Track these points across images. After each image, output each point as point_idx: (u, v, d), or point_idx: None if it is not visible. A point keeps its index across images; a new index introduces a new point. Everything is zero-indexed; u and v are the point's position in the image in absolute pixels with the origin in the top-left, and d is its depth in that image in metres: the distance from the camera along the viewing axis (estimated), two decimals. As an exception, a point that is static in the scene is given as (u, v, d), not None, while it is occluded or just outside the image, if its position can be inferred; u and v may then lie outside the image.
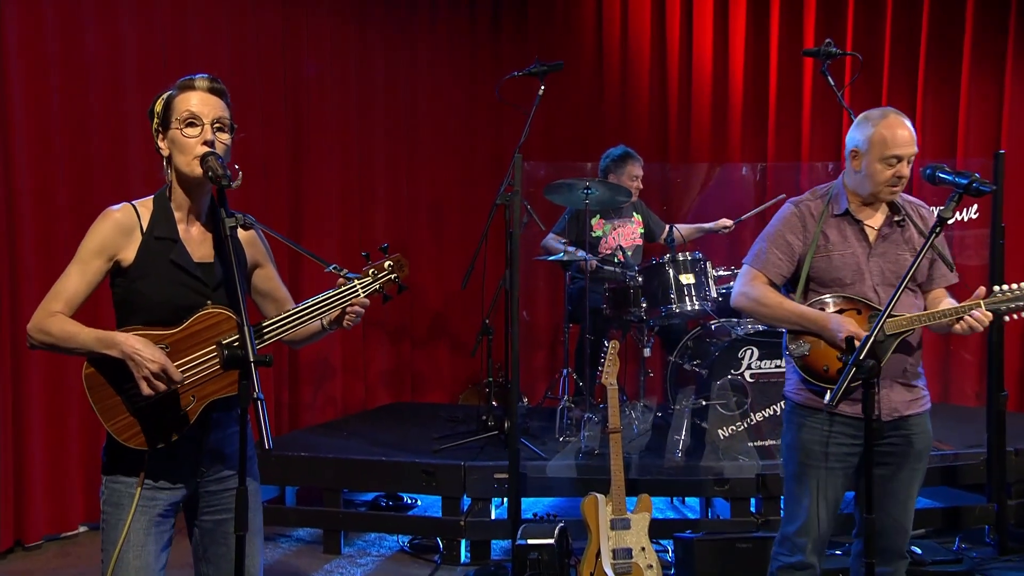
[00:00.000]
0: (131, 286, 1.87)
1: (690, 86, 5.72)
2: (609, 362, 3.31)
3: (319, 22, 5.16)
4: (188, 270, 1.89)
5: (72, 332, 1.82)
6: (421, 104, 5.75)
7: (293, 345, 2.12)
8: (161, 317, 1.85)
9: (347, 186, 5.36)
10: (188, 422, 1.85)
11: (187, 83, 1.91)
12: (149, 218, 1.91)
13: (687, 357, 4.20)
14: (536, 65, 3.78)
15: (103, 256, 1.87)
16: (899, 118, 2.38)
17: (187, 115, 1.87)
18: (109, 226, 1.88)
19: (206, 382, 1.86)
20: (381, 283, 2.01)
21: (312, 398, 5.20)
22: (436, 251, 5.81)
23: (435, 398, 5.81)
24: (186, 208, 1.93)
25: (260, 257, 2.09)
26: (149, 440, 1.84)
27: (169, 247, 1.89)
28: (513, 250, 3.44)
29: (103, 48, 4.01)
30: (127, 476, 1.88)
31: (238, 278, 1.79)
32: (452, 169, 5.87)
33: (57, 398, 3.86)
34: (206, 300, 1.89)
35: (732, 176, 5.49)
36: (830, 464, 2.38)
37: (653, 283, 4.19)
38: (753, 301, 2.44)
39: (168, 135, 1.90)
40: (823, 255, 2.42)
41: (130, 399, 1.82)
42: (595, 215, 4.65)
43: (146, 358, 1.75)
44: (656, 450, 4.01)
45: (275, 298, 2.11)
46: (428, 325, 5.87)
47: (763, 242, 2.50)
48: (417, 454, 3.95)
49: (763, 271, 2.46)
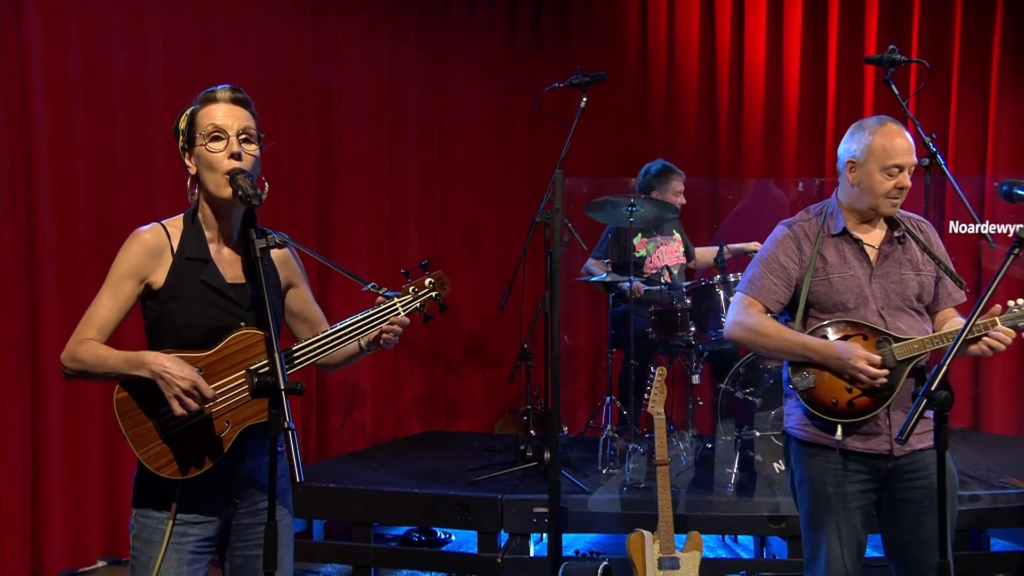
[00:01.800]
0: (163, 309, 1.91)
1: (741, 96, 5.71)
2: (656, 389, 3.30)
3: (350, 30, 5.27)
4: (221, 291, 1.92)
5: (103, 356, 1.86)
6: (456, 116, 5.82)
7: (327, 368, 2.14)
8: (194, 340, 1.88)
9: (378, 202, 5.44)
10: (223, 449, 1.87)
11: (209, 96, 1.95)
12: (179, 238, 1.95)
13: (739, 385, 4.17)
14: (578, 76, 3.80)
15: (134, 279, 1.91)
16: (897, 126, 2.37)
17: (211, 129, 1.90)
18: (138, 248, 1.92)
19: (241, 407, 1.88)
20: (422, 301, 2.02)
21: (341, 425, 5.26)
22: (471, 270, 5.86)
23: (470, 426, 5.82)
24: (217, 228, 1.97)
25: (294, 277, 2.11)
26: (182, 468, 1.86)
27: (201, 267, 1.93)
28: (553, 270, 3.45)
29: (127, 58, 4.12)
30: (158, 510, 1.90)
31: (270, 300, 1.81)
32: (488, 184, 5.93)
33: (77, 426, 3.94)
34: (240, 321, 1.92)
35: (787, 192, 5.45)
36: (848, 504, 2.31)
37: (702, 306, 4.18)
38: (750, 331, 2.38)
39: (194, 152, 1.93)
40: (822, 278, 2.38)
41: (163, 425, 1.85)
42: (636, 234, 4.65)
43: (176, 375, 1.78)
44: (706, 484, 3.97)
45: (308, 319, 2.13)
46: (463, 349, 5.90)
47: (756, 267, 2.45)
48: (451, 486, 3.96)
49: (758, 298, 2.41)
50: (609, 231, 4.73)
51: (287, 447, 1.65)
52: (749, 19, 5.70)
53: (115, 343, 1.91)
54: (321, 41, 5.12)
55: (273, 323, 1.79)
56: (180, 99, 2.01)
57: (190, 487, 1.89)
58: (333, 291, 5.03)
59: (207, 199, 1.95)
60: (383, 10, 5.47)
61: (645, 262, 4.69)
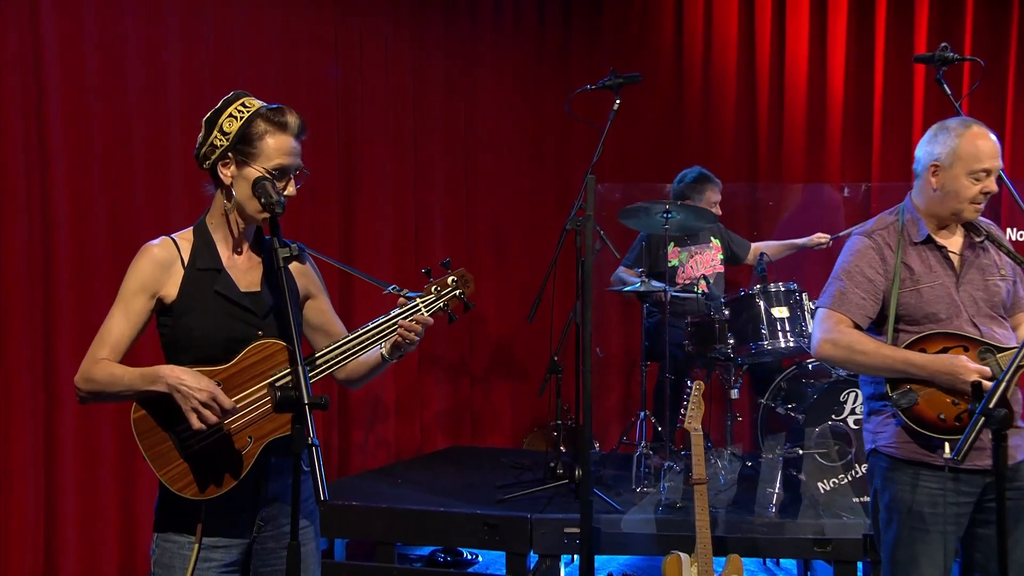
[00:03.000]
0: (177, 323, 1.92)
1: (782, 97, 5.68)
2: (692, 404, 3.29)
3: (373, 32, 5.32)
4: (235, 300, 1.94)
5: (117, 375, 1.87)
6: (483, 120, 5.85)
7: (352, 385, 2.13)
8: (211, 353, 1.89)
9: (402, 209, 5.47)
10: (246, 466, 1.87)
11: (280, 120, 1.94)
12: (190, 250, 1.97)
13: (780, 400, 4.15)
14: (611, 77, 3.80)
15: (145, 294, 1.93)
16: (983, 128, 2.36)
17: (279, 166, 1.92)
18: (147, 262, 1.94)
19: (263, 420, 1.88)
20: (445, 300, 2.01)
21: (363, 440, 5.28)
22: (499, 280, 5.87)
23: (497, 442, 5.82)
24: (230, 236, 1.99)
25: (312, 288, 2.12)
26: (204, 488, 1.86)
27: (213, 277, 1.94)
28: (585, 279, 3.44)
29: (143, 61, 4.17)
30: (180, 534, 1.91)
31: (292, 310, 1.82)
32: (517, 191, 5.94)
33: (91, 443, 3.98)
34: (257, 331, 1.93)
35: (831, 197, 5.41)
36: (944, 527, 2.29)
37: (741, 317, 4.16)
38: (845, 349, 2.36)
39: (243, 171, 1.93)
40: (911, 289, 2.36)
41: (182, 443, 1.86)
42: (669, 242, 4.63)
43: (192, 387, 1.78)
44: (746, 504, 3.95)
45: (329, 333, 2.14)
46: (490, 361, 5.91)
47: (840, 281, 2.44)
48: (478, 504, 3.96)
49: (847, 314, 2.40)
50: (642, 238, 4.73)
51: (311, 465, 1.64)
52: (791, 16, 5.66)
53: (131, 364, 1.92)
54: (344, 43, 5.17)
55: (296, 334, 1.79)
56: (198, 103, 2.04)
57: (213, 509, 1.90)
58: (356, 300, 5.06)
59: (238, 210, 1.97)
60: (407, 11, 5.51)
61: (677, 272, 4.68)
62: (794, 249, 4.78)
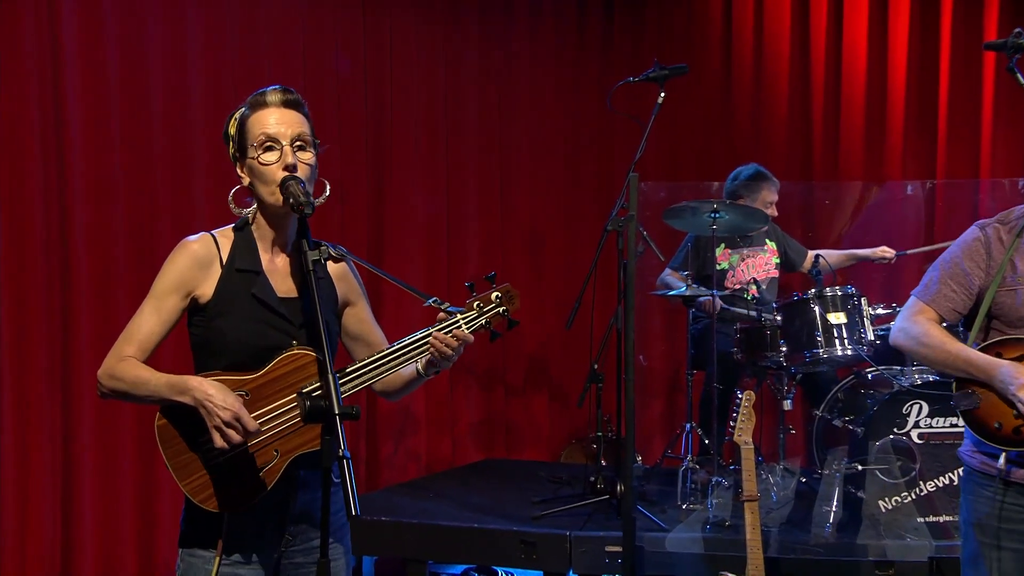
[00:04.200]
0: (210, 325, 1.94)
1: (839, 89, 5.62)
2: (743, 416, 3.27)
3: (404, 27, 5.36)
4: (271, 306, 1.95)
5: (144, 378, 1.88)
6: (519, 116, 5.86)
7: (389, 397, 2.14)
8: (242, 359, 1.90)
9: (434, 211, 5.50)
10: (271, 481, 1.88)
11: (258, 99, 1.97)
12: (230, 249, 1.98)
13: (837, 412, 4.12)
14: (655, 69, 3.80)
15: (179, 292, 1.94)
16: None
17: (263, 138, 1.92)
18: (185, 259, 1.95)
19: (291, 434, 1.89)
20: (488, 317, 2.01)
21: (392, 453, 5.31)
22: (535, 284, 5.87)
23: (533, 455, 5.82)
24: (270, 238, 2.00)
25: (352, 294, 2.13)
26: (228, 502, 1.88)
27: (251, 280, 1.95)
28: (627, 283, 3.45)
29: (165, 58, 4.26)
30: (204, 549, 1.93)
31: (326, 317, 1.82)
32: (555, 190, 5.95)
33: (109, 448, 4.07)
34: (291, 340, 1.94)
35: (893, 196, 5.35)
36: (1003, 543, 2.26)
37: (795, 323, 4.14)
38: (911, 339, 2.39)
39: (246, 164, 1.96)
40: (1009, 289, 2.33)
41: (206, 455, 1.88)
42: (719, 244, 4.61)
43: (218, 405, 1.79)
44: (801, 523, 3.91)
45: (368, 343, 2.14)
46: (525, 370, 5.91)
47: (935, 270, 2.44)
48: (514, 521, 3.96)
49: (932, 305, 2.40)
50: (689, 240, 4.72)
51: (342, 478, 1.65)
52: (849, 2, 5.59)
53: (155, 363, 1.95)
54: (373, 38, 5.21)
55: (328, 342, 1.80)
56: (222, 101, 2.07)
57: (238, 523, 1.91)
58: (386, 307, 5.10)
59: (261, 210, 1.99)
60: (440, 4, 5.55)
61: (727, 275, 4.66)
62: (855, 260, 4.76)
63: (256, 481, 1.88)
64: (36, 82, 3.86)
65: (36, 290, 3.89)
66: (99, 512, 4.05)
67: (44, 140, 3.90)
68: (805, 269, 4.79)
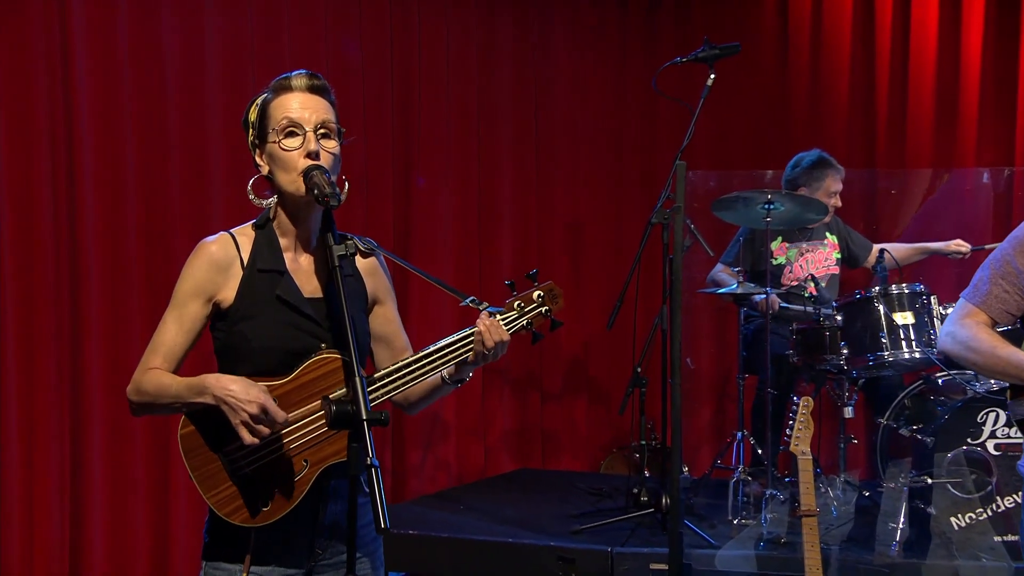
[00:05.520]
0: (232, 330, 1.95)
1: (906, 69, 5.56)
2: (800, 424, 3.25)
3: (433, 8, 5.37)
4: (297, 307, 1.95)
5: (165, 384, 1.90)
6: (557, 101, 5.86)
7: (407, 409, 2.14)
8: (270, 365, 1.91)
9: (465, 202, 5.52)
10: (300, 492, 1.89)
11: (283, 83, 1.98)
12: (251, 248, 1.99)
13: (904, 420, 4.08)
14: (705, 48, 3.78)
15: (200, 298, 1.96)
16: None
17: (285, 123, 1.92)
18: (203, 262, 1.96)
19: (322, 442, 1.90)
20: (530, 318, 2.00)
21: (420, 462, 5.33)
22: (574, 282, 5.87)
23: (571, 465, 5.83)
24: (293, 234, 2.00)
25: (381, 292, 2.12)
26: (255, 513, 1.89)
27: (275, 280, 1.96)
28: (673, 280, 3.43)
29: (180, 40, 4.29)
30: (230, 562, 1.94)
31: (352, 315, 1.81)
32: (595, 179, 5.94)
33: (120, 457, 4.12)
34: (320, 343, 1.94)
35: (966, 184, 5.29)
36: None
37: (857, 323, 4.10)
38: (960, 344, 2.36)
39: (266, 149, 1.97)
40: None
41: (232, 463, 1.89)
42: (776, 237, 4.58)
43: (241, 399, 1.80)
44: (864, 541, 3.88)
45: (393, 346, 2.14)
46: (563, 374, 5.91)
47: (985, 270, 2.40)
48: (551, 535, 3.97)
49: (982, 307, 2.37)
50: (741, 234, 4.69)
51: (371, 488, 1.64)
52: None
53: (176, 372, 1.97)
54: (400, 19, 5.23)
55: (356, 343, 1.79)
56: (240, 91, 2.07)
57: (266, 536, 1.92)
58: (411, 306, 5.12)
59: (281, 201, 1.99)
60: (473, -19, 5.57)
61: (784, 271, 4.63)
62: (925, 254, 4.71)
63: (285, 493, 1.89)
64: (44, 71, 3.92)
65: (44, 291, 3.95)
66: (110, 521, 4.11)
67: (53, 133, 3.96)
68: (869, 264, 4.73)
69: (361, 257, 2.00)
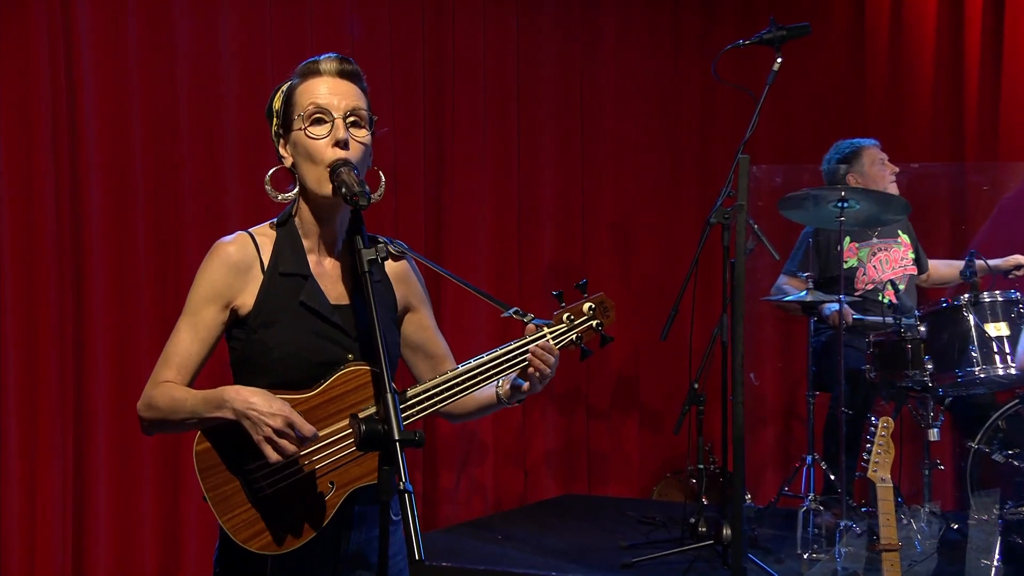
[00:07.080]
0: (251, 338, 1.94)
1: (1000, 52, 5.49)
2: (879, 448, 3.21)
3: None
4: (322, 314, 1.95)
5: (179, 399, 1.90)
6: (604, 89, 5.86)
7: (452, 418, 2.14)
8: (293, 378, 1.91)
9: (503, 200, 5.54)
10: (325, 517, 1.88)
11: (311, 67, 1.98)
12: (271, 249, 1.98)
13: (997, 444, 4.05)
14: (771, 29, 3.79)
15: (216, 304, 1.95)
16: None
17: (312, 109, 1.92)
18: (220, 265, 1.96)
19: (349, 463, 1.90)
20: (579, 332, 2.01)
21: (454, 487, 5.34)
22: (623, 290, 5.87)
23: (620, 491, 5.82)
24: (317, 234, 1.99)
25: (413, 298, 2.12)
26: (276, 540, 1.88)
27: (298, 285, 1.95)
28: (735, 287, 3.44)
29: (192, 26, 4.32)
30: None
31: (382, 325, 1.80)
32: (645, 176, 5.94)
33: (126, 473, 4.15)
34: (347, 353, 1.94)
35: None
36: None
37: (944, 335, 4.08)
38: None
39: (291, 138, 1.96)
40: None
41: (251, 484, 1.88)
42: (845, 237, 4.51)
43: (264, 412, 1.79)
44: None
45: (429, 354, 2.14)
46: (611, 390, 5.91)
47: None
48: (599, 568, 3.98)
49: None
50: (807, 235, 4.67)
51: (404, 515, 1.63)
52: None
53: None
54: (433, 3, 5.26)
55: (387, 355, 1.78)
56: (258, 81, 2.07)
57: (285, 564, 1.92)
58: (445, 314, 5.13)
59: (305, 197, 1.99)
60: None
61: (857, 274, 4.59)
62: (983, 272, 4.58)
63: (308, 518, 1.88)
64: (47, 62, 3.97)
65: (47, 294, 3.99)
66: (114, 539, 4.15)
67: (56, 129, 4.01)
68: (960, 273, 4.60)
69: (392, 261, 2.00)
